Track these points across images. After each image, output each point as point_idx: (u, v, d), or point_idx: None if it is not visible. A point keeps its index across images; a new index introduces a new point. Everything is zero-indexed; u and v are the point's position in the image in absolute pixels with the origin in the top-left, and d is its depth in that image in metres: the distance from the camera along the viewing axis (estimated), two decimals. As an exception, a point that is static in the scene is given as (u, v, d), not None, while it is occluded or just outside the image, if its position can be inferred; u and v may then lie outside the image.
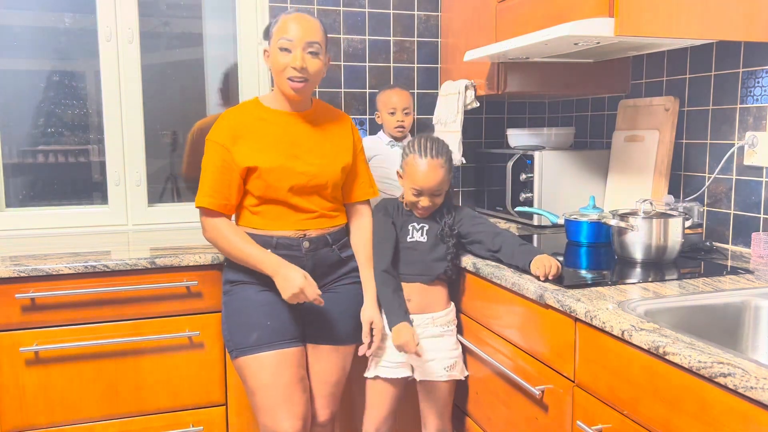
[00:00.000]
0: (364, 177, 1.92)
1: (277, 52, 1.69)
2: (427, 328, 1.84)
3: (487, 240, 1.80)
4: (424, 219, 1.87)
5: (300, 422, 1.69)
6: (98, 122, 2.50)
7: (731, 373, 0.98)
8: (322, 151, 1.79)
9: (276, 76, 1.73)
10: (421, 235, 1.86)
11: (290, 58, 1.68)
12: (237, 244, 1.72)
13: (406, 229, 1.87)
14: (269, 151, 1.72)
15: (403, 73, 2.75)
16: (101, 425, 1.93)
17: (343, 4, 2.64)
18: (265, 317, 1.72)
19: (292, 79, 1.69)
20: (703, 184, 2.03)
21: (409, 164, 1.83)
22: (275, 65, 1.71)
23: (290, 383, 1.70)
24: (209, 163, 1.73)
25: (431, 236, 1.85)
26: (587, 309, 1.31)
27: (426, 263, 1.84)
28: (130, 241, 2.30)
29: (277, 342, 1.71)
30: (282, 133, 1.75)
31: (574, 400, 1.40)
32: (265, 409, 1.69)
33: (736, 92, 1.91)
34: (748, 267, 1.66)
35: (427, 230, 1.86)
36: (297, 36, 1.67)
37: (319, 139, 1.79)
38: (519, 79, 2.31)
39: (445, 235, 1.85)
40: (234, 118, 1.76)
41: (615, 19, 1.67)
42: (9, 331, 1.83)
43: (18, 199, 2.47)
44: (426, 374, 1.84)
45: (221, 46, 2.67)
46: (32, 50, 2.46)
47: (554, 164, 2.36)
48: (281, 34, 1.69)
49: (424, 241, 1.85)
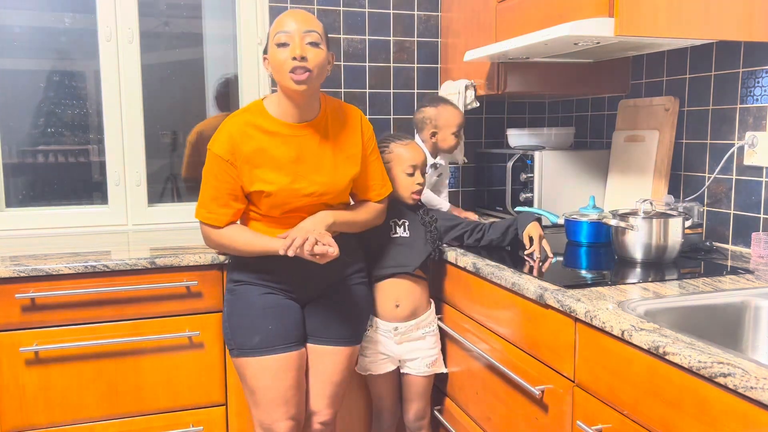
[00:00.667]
0: (376, 174, 1.85)
1: (275, 49, 1.62)
2: (412, 333, 1.94)
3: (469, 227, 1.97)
4: (402, 211, 1.98)
5: (294, 423, 1.74)
6: (98, 122, 2.50)
7: (731, 373, 0.98)
8: (330, 166, 1.73)
9: (278, 76, 1.63)
10: (403, 230, 1.96)
11: (289, 50, 1.60)
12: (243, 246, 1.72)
13: (388, 224, 1.96)
14: (273, 173, 1.68)
15: (403, 73, 2.75)
16: (101, 425, 1.93)
17: (343, 4, 2.64)
18: (267, 321, 1.72)
19: (293, 71, 1.59)
20: (703, 184, 2.03)
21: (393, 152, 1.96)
22: (275, 63, 1.62)
23: (290, 386, 1.72)
24: (209, 175, 1.71)
25: (413, 230, 1.96)
26: (587, 309, 1.31)
27: (412, 253, 1.94)
28: (130, 241, 2.30)
29: (279, 346, 1.72)
30: (286, 152, 1.69)
31: (574, 400, 1.40)
32: (263, 407, 1.73)
33: (736, 92, 1.91)
34: (748, 267, 1.66)
35: (408, 225, 1.97)
36: (293, 27, 1.60)
37: (327, 153, 1.73)
38: (519, 79, 2.31)
39: (426, 222, 1.96)
40: (237, 129, 1.68)
41: (615, 19, 1.67)
42: (9, 331, 1.83)
43: (18, 199, 2.47)
44: (410, 370, 1.98)
45: (221, 46, 2.67)
46: (32, 50, 2.46)
47: (554, 164, 2.36)
48: (277, 29, 1.62)
49: (408, 236, 1.96)
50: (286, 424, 1.73)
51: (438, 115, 2.19)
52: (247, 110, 1.75)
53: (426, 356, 1.96)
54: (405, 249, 1.93)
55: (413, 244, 1.94)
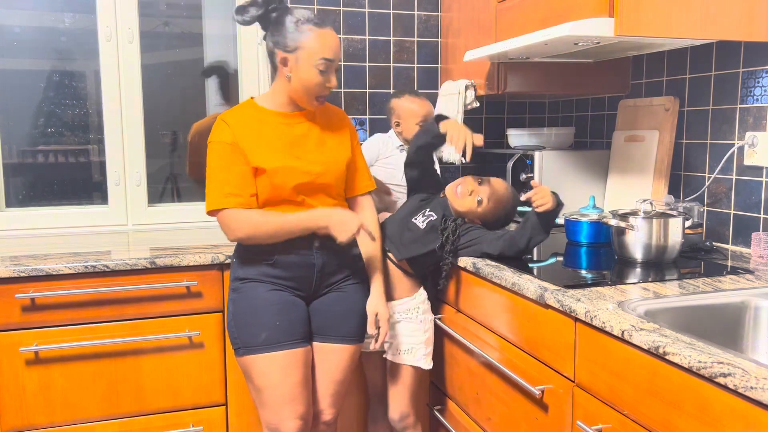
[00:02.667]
0: (363, 170, 1.91)
1: (311, 69, 1.66)
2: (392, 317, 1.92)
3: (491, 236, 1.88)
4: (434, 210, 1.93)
5: (302, 422, 1.72)
6: (98, 122, 2.50)
7: (731, 373, 0.98)
8: (324, 149, 1.78)
9: (303, 90, 1.69)
10: (422, 222, 1.92)
11: (325, 78, 1.67)
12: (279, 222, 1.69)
13: (418, 205, 1.96)
14: (271, 152, 1.71)
15: (403, 73, 2.75)
16: (101, 425, 1.93)
17: (343, 4, 2.64)
18: (274, 317, 1.72)
19: (320, 97, 1.71)
20: (703, 184, 2.03)
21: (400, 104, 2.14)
22: (307, 82, 1.67)
23: (297, 383, 1.71)
24: (219, 162, 1.69)
25: (428, 227, 1.91)
26: (587, 309, 1.31)
27: (405, 244, 1.91)
28: (130, 241, 2.30)
29: (286, 342, 1.71)
30: (281, 135, 1.74)
31: (574, 400, 1.40)
32: (270, 406, 1.71)
33: (736, 92, 1.91)
34: (748, 267, 1.66)
35: (429, 221, 1.91)
36: (334, 56, 1.67)
37: (319, 138, 1.78)
38: (519, 79, 2.31)
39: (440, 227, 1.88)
40: (232, 119, 1.73)
41: (615, 19, 1.67)
42: (9, 331, 1.83)
43: (18, 199, 2.47)
44: (387, 355, 1.96)
45: (221, 46, 2.67)
46: (32, 50, 2.47)
47: (554, 164, 2.36)
48: (321, 54, 1.65)
49: (422, 228, 1.91)
50: (294, 424, 1.70)
51: (399, 105, 2.29)
52: (239, 106, 1.81)
53: (402, 342, 1.93)
54: (408, 234, 1.91)
55: (419, 238, 1.90)
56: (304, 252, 1.74)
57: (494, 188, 1.93)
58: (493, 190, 1.92)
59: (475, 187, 1.91)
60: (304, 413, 1.73)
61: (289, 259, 1.73)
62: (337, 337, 1.80)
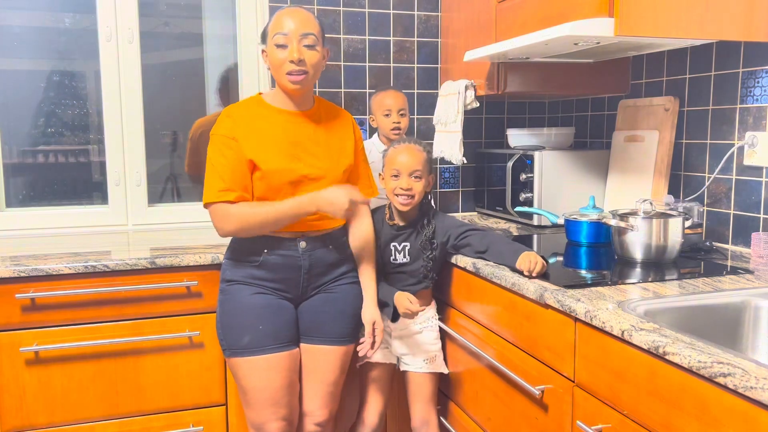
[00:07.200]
0: (365, 177, 1.91)
1: (274, 49, 1.69)
2: (408, 327, 1.94)
3: (475, 242, 1.86)
4: (404, 235, 1.91)
5: (285, 423, 1.75)
6: (98, 122, 2.50)
7: (731, 373, 0.98)
8: (325, 153, 1.77)
9: (275, 73, 1.72)
10: (403, 256, 1.92)
11: (287, 53, 1.67)
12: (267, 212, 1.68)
13: (389, 249, 1.93)
14: (271, 151, 1.71)
15: (403, 73, 2.75)
16: (101, 425, 1.93)
17: (343, 4, 2.64)
18: (257, 321, 1.72)
19: (290, 73, 1.67)
20: (703, 184, 2.03)
21: (388, 156, 1.92)
22: (273, 62, 1.70)
23: (280, 387, 1.73)
24: (218, 155, 1.69)
25: (413, 255, 1.91)
26: (587, 309, 1.31)
27: (413, 282, 1.92)
28: (130, 241, 2.30)
29: (269, 346, 1.72)
30: (284, 134, 1.74)
31: (574, 400, 1.40)
32: (254, 407, 1.74)
33: (736, 92, 1.91)
34: (748, 267, 1.66)
35: (408, 249, 1.92)
36: (291, 29, 1.67)
37: (321, 140, 1.78)
38: (519, 79, 2.31)
39: (425, 248, 1.90)
40: (236, 113, 1.74)
41: (615, 19, 1.67)
42: (9, 331, 1.83)
43: (18, 199, 2.47)
44: (408, 366, 1.97)
45: (221, 46, 2.67)
46: (32, 50, 2.46)
47: (554, 164, 2.36)
48: (276, 30, 1.69)
49: (408, 262, 1.92)
50: (277, 425, 1.74)
51: (372, 100, 2.35)
52: (245, 100, 1.82)
53: (423, 351, 1.96)
54: (405, 277, 1.92)
55: (414, 272, 1.91)
56: (290, 254, 1.74)
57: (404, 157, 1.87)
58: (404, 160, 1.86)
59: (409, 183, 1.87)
60: (288, 414, 1.75)
61: (275, 261, 1.73)
62: (327, 338, 1.81)
